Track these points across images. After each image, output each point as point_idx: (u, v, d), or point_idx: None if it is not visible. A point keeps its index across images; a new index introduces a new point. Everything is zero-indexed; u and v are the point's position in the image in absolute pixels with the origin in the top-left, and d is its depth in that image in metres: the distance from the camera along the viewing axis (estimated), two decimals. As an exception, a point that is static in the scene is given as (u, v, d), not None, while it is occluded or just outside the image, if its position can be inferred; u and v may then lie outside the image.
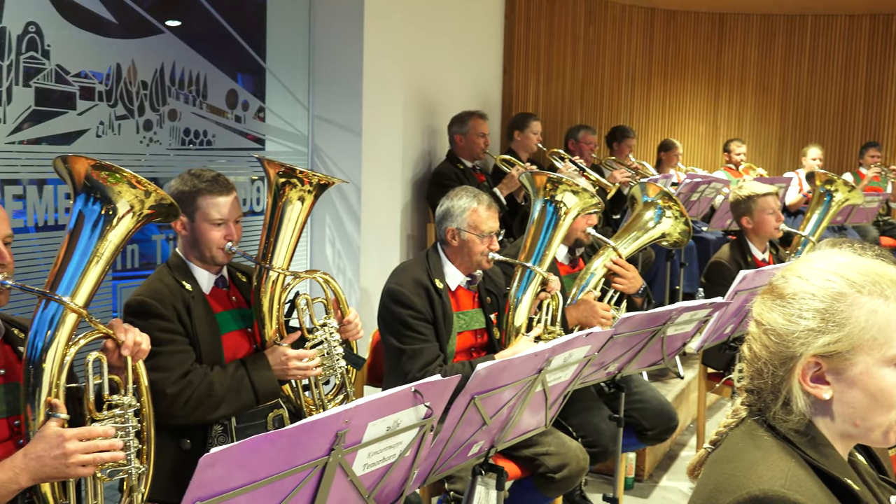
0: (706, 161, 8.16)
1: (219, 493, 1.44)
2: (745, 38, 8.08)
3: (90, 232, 1.95)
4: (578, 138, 6.22)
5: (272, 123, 4.57)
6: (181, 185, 2.60)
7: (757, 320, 1.43)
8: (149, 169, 3.78)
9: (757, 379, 1.41)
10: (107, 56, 3.55)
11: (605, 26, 7.43)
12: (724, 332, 3.56)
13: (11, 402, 1.93)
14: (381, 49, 4.71)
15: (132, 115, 3.67)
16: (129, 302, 2.53)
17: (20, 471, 1.79)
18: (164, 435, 2.43)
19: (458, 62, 5.93)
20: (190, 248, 2.64)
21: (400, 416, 1.75)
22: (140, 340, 2.01)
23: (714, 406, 5.27)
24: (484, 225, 3.08)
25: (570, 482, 3.03)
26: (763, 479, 1.30)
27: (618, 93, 7.67)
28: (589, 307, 3.43)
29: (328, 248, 4.74)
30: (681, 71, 8.05)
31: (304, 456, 1.56)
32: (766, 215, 4.28)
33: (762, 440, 1.38)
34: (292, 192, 2.61)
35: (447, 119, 5.33)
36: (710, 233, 6.40)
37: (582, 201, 3.22)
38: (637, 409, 3.55)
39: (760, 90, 8.13)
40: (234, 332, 2.67)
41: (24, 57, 3.19)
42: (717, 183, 5.85)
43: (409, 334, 2.96)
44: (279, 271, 2.61)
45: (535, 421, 2.55)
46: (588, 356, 2.56)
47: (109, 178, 1.94)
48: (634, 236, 3.74)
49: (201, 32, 4.11)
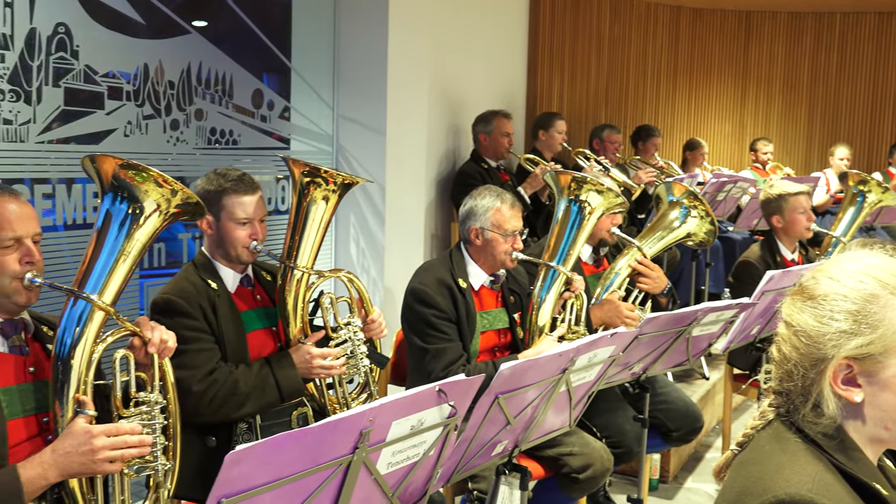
0: (732, 160, 8.09)
1: (244, 490, 1.45)
2: (773, 36, 8.00)
3: (118, 230, 1.96)
4: (603, 137, 6.19)
5: (297, 123, 4.60)
6: (207, 185, 2.61)
7: (787, 321, 1.41)
8: (175, 168, 3.81)
9: (786, 381, 1.40)
10: (134, 56, 3.58)
11: (630, 24, 7.39)
12: (750, 332, 3.53)
13: (41, 399, 1.95)
14: (405, 48, 4.71)
15: (159, 115, 3.70)
16: (155, 300, 2.55)
17: (49, 467, 1.82)
18: (190, 432, 2.44)
19: (483, 61, 5.93)
20: (215, 247, 2.65)
21: (424, 415, 1.75)
22: (166, 338, 2.03)
23: (740, 407, 5.22)
24: (507, 224, 3.07)
25: (594, 483, 3.02)
26: (790, 482, 1.28)
27: (643, 92, 7.62)
28: (613, 307, 3.42)
29: (352, 248, 4.76)
30: (707, 69, 7.98)
31: (328, 454, 1.56)
32: (797, 215, 4.23)
33: (790, 443, 1.36)
34: (317, 192, 2.62)
35: (471, 118, 5.33)
36: (736, 233, 6.35)
37: (606, 201, 3.20)
38: (662, 409, 3.53)
39: (788, 88, 8.05)
40: (259, 331, 2.69)
41: (54, 57, 3.23)
42: (743, 182, 5.80)
43: (432, 333, 2.96)
44: (304, 270, 2.62)
45: (560, 421, 2.54)
46: (613, 356, 2.55)
47: (137, 177, 1.96)
48: (659, 236, 3.71)
49: (227, 33, 4.14)
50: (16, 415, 1.90)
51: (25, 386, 1.94)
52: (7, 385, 1.91)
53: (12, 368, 1.93)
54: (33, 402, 1.95)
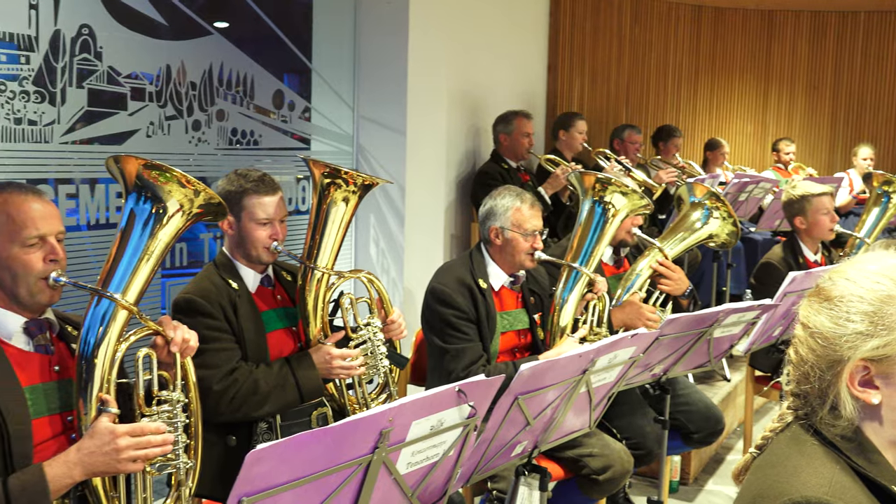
0: (754, 161, 8.03)
1: (264, 489, 1.45)
2: (795, 36, 7.93)
3: (141, 230, 1.98)
4: (624, 138, 6.16)
5: (318, 123, 4.61)
6: (228, 185, 2.63)
7: (803, 323, 1.40)
8: (197, 168, 3.84)
9: (803, 383, 1.39)
10: (157, 57, 3.61)
11: (651, 24, 7.35)
12: (772, 334, 3.50)
13: (65, 397, 1.97)
14: (426, 49, 4.72)
15: (181, 116, 3.73)
16: (177, 300, 2.57)
17: (73, 465, 1.83)
18: (211, 431, 2.46)
19: (503, 61, 5.92)
20: (236, 247, 2.67)
21: (444, 415, 1.75)
22: (188, 337, 2.04)
23: (762, 410, 5.18)
24: (527, 223, 3.07)
25: (614, 484, 3.01)
26: (806, 485, 1.27)
27: (664, 91, 7.58)
28: (634, 308, 3.40)
29: (372, 248, 4.77)
30: (728, 69, 7.93)
31: (348, 454, 1.57)
32: (820, 216, 4.20)
33: (807, 446, 1.35)
34: (337, 193, 2.63)
35: (492, 119, 5.32)
36: (758, 234, 6.30)
37: (631, 203, 3.19)
38: (682, 411, 3.51)
39: (811, 88, 7.97)
40: (279, 331, 2.70)
41: (78, 59, 3.26)
42: (765, 183, 5.75)
43: (452, 334, 2.96)
44: (324, 271, 2.63)
45: (580, 422, 2.53)
46: (633, 357, 2.54)
47: (160, 177, 1.97)
48: (681, 237, 3.69)
49: (249, 34, 4.17)
50: (41, 413, 1.92)
51: (50, 385, 1.96)
52: (33, 384, 1.93)
53: (37, 367, 1.95)
54: (58, 400, 1.96)
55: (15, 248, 1.91)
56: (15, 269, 1.91)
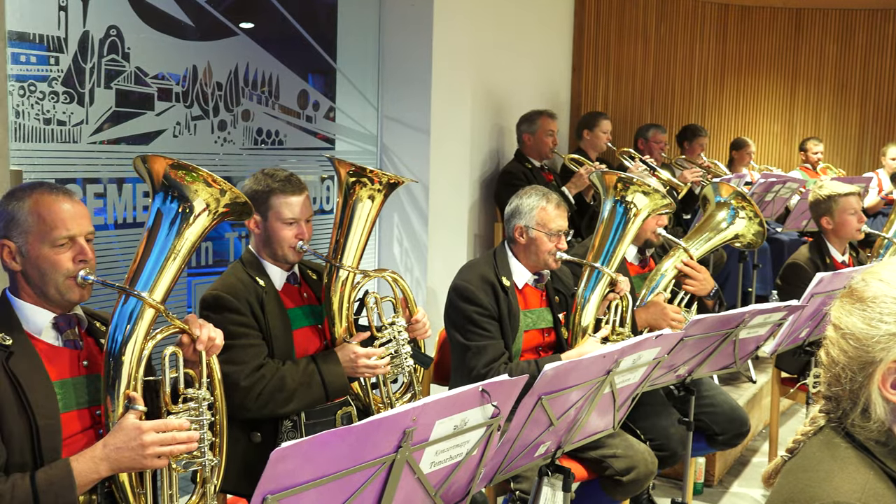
0: (781, 160, 7.95)
1: (289, 486, 1.46)
2: (823, 34, 7.84)
3: (168, 229, 2.00)
4: (648, 137, 6.13)
5: (342, 123, 4.63)
6: (255, 185, 2.65)
7: (835, 324, 1.39)
8: (223, 168, 3.87)
9: (835, 385, 1.37)
10: (184, 58, 3.64)
11: (676, 23, 7.30)
12: (799, 335, 3.47)
13: (93, 392, 2.00)
14: (449, 49, 4.72)
15: (207, 116, 3.76)
16: (204, 296, 2.59)
17: (100, 461, 1.86)
18: (236, 428, 2.48)
19: (527, 61, 5.91)
20: (262, 246, 2.69)
21: (467, 414, 1.76)
22: (214, 335, 2.05)
23: (788, 412, 5.13)
24: (552, 223, 3.07)
25: (638, 485, 3.00)
26: (839, 491, 1.26)
27: (689, 91, 7.53)
28: (659, 309, 3.39)
29: (396, 247, 4.78)
30: (755, 68, 7.85)
31: (372, 452, 1.57)
32: (847, 216, 4.15)
33: (840, 450, 1.34)
34: (362, 192, 2.64)
35: (515, 118, 5.32)
36: (784, 234, 6.24)
37: (653, 202, 3.17)
38: (707, 413, 3.48)
39: (839, 87, 7.88)
40: (305, 328, 2.72)
41: (106, 60, 3.30)
42: (792, 183, 5.70)
43: (474, 330, 2.96)
44: (349, 270, 2.64)
45: (603, 423, 2.52)
46: (657, 358, 2.52)
47: (187, 176, 1.99)
48: (707, 237, 3.67)
49: (274, 34, 4.19)
50: (70, 407, 1.95)
51: (79, 379, 1.99)
52: (62, 378, 1.96)
53: (67, 362, 1.98)
54: (86, 395, 1.99)
55: (45, 248, 1.94)
56: (45, 268, 1.94)
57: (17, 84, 2.99)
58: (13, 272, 1.97)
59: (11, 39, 2.93)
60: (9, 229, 1.95)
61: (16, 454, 1.84)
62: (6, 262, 1.96)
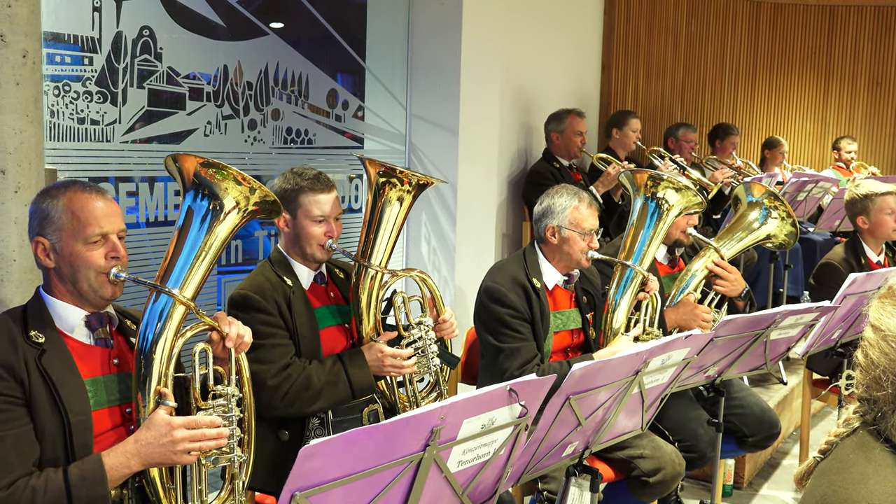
0: (814, 159, 7.85)
1: (317, 484, 1.47)
2: (858, 32, 7.72)
3: (198, 227, 2.02)
4: (678, 136, 6.08)
5: (371, 122, 4.64)
6: (284, 184, 2.66)
7: (875, 325, 1.36)
8: (252, 167, 3.90)
9: (874, 388, 1.34)
10: (215, 58, 3.68)
11: (707, 21, 7.24)
12: (831, 336, 3.43)
13: (124, 390, 2.02)
14: (478, 48, 4.72)
15: (237, 115, 3.79)
16: (233, 296, 2.61)
17: (131, 456, 1.88)
18: (264, 426, 2.50)
19: (556, 60, 5.89)
20: (291, 245, 2.70)
21: (495, 414, 1.75)
22: (243, 333, 2.07)
23: (819, 414, 5.07)
24: (585, 222, 3.05)
25: (666, 487, 2.97)
26: (873, 494, 1.24)
27: (720, 89, 7.46)
28: (689, 309, 3.36)
29: (424, 247, 4.79)
30: (788, 66, 7.76)
31: (400, 451, 1.58)
32: (884, 215, 4.08)
33: (875, 452, 1.31)
34: (392, 192, 2.64)
35: (544, 117, 5.30)
36: (817, 234, 6.16)
37: (684, 199, 3.15)
38: (737, 414, 3.45)
39: (873, 85, 7.76)
40: (332, 328, 2.73)
41: (139, 60, 3.34)
42: (825, 182, 5.62)
43: (507, 333, 2.96)
44: (377, 269, 2.64)
45: (631, 423, 2.51)
46: (687, 359, 2.50)
47: (217, 175, 2.00)
48: (738, 237, 3.63)
49: (304, 34, 4.21)
50: (101, 405, 1.97)
51: (110, 377, 2.01)
52: (93, 376, 1.98)
53: (98, 360, 2.01)
54: (117, 392, 2.01)
55: (78, 246, 1.96)
56: (77, 265, 1.96)
57: (52, 84, 3.04)
58: (47, 269, 1.99)
59: (47, 40, 2.97)
60: (43, 227, 1.98)
61: (48, 450, 1.87)
62: (40, 258, 1.99)
